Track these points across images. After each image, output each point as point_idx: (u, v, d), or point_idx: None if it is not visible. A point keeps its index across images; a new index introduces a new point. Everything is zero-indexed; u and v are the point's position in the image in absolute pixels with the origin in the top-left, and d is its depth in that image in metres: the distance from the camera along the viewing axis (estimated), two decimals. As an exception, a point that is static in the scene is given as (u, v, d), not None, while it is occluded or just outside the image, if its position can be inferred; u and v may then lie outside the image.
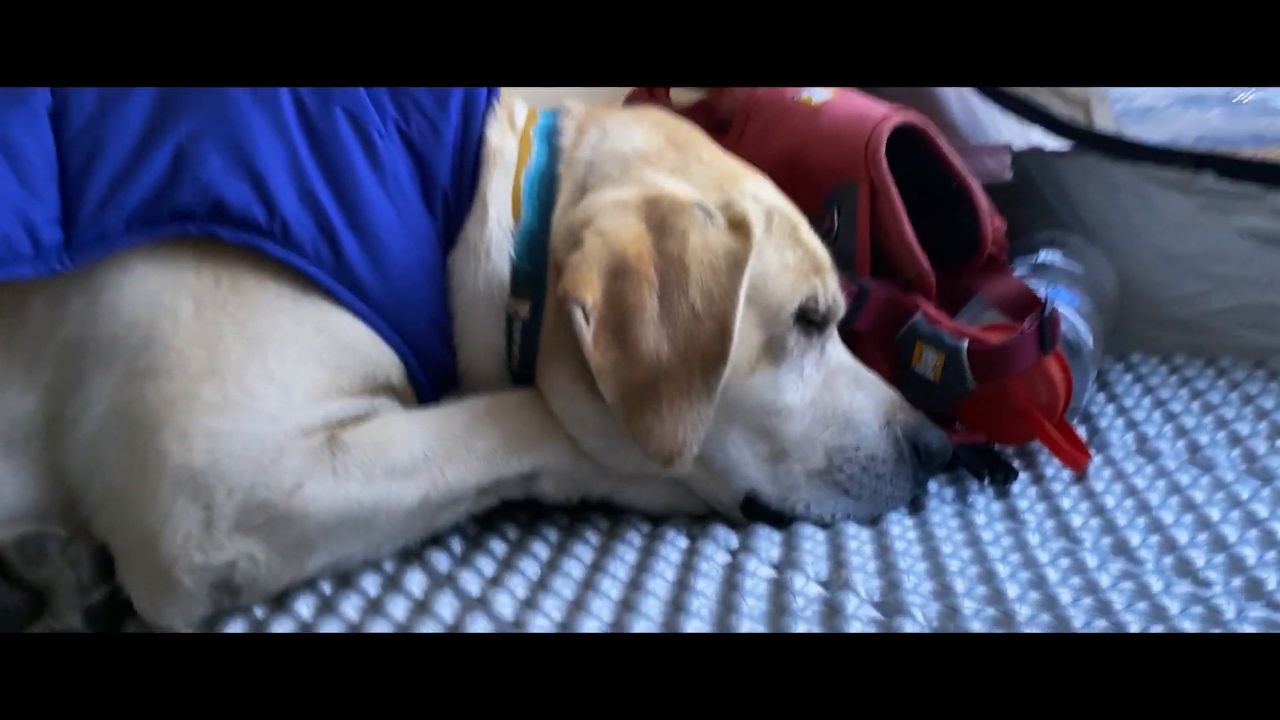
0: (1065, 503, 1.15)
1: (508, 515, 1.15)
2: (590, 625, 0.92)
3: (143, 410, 0.93)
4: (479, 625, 0.92)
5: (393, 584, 1.01)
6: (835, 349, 1.17)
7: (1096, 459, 1.25)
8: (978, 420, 1.27)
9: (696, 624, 0.91)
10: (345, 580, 1.01)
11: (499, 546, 1.10)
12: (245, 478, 0.92)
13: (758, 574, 1.00)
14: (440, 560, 1.06)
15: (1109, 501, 1.14)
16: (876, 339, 1.30)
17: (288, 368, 0.97)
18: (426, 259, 1.07)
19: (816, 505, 1.12)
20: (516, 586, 1.00)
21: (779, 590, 0.96)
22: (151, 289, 0.96)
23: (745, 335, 1.08)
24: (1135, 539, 1.05)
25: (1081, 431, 1.34)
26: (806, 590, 0.96)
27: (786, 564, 1.02)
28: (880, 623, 0.90)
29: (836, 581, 0.98)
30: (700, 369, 1.03)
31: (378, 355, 1.04)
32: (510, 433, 1.07)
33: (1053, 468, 1.23)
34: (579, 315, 1.00)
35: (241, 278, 0.99)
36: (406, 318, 1.06)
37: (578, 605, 0.96)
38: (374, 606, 0.97)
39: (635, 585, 0.99)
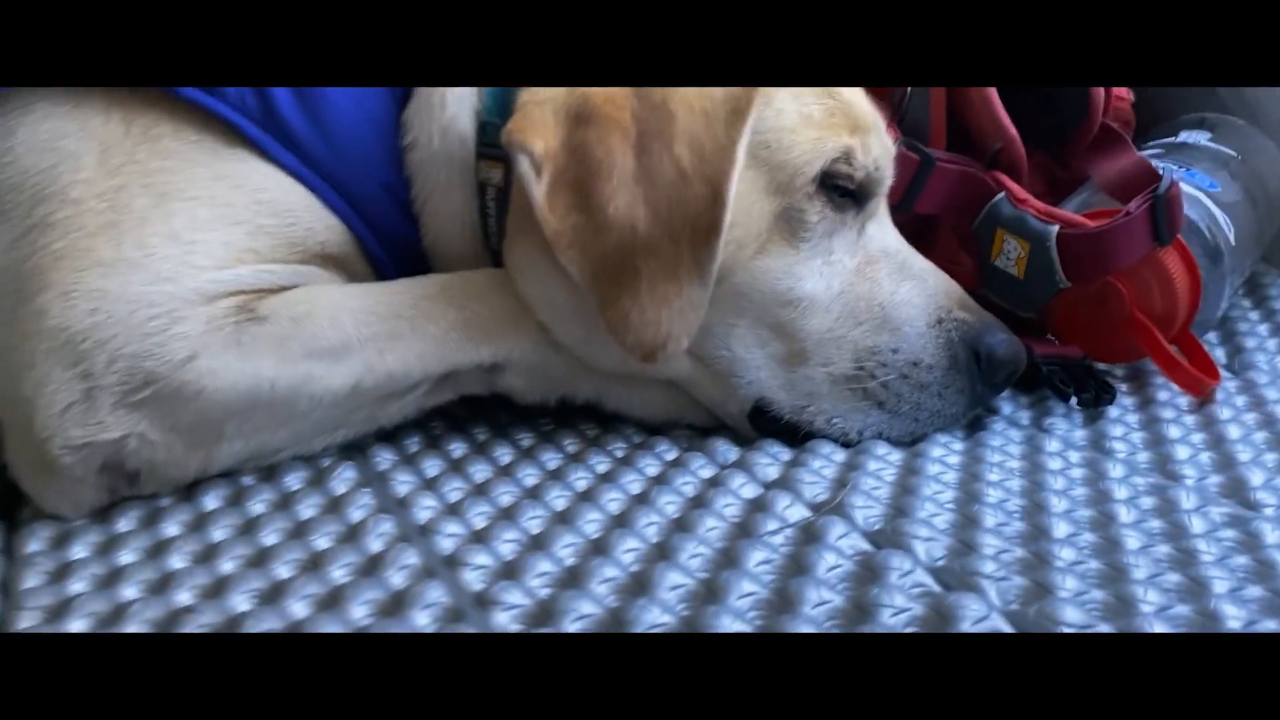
0: (1173, 432, 0.89)
1: (484, 415, 1.00)
2: (510, 536, 0.75)
3: (31, 267, 0.82)
4: (383, 528, 0.77)
5: (317, 480, 0.87)
6: (881, 231, 0.95)
7: (1228, 383, 0.98)
8: (1075, 330, 1.02)
9: (633, 543, 0.73)
10: (270, 473, 0.88)
11: (458, 448, 0.94)
12: (130, 345, 0.80)
13: (739, 492, 0.80)
14: (383, 458, 0.91)
15: (1232, 432, 0.88)
16: (957, 230, 1.06)
17: (196, 225, 0.84)
18: (377, 111, 0.91)
19: (840, 419, 0.90)
20: (451, 491, 0.84)
21: (753, 510, 0.76)
22: (53, 133, 0.85)
23: (751, 203, 0.88)
24: (1257, 478, 0.80)
25: (1218, 354, 1.06)
26: (787, 513, 0.76)
27: (778, 483, 0.82)
28: (863, 556, 0.69)
29: (828, 505, 0.77)
30: (689, 243, 0.84)
31: (310, 219, 0.89)
32: (469, 315, 0.91)
33: (1168, 392, 0.97)
34: (525, 165, 0.82)
35: (156, 124, 0.86)
36: (352, 179, 0.91)
37: (506, 514, 0.79)
38: (284, 503, 0.83)
39: (586, 497, 0.82)
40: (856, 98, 0.92)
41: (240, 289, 0.84)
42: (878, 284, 0.92)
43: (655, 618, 0.62)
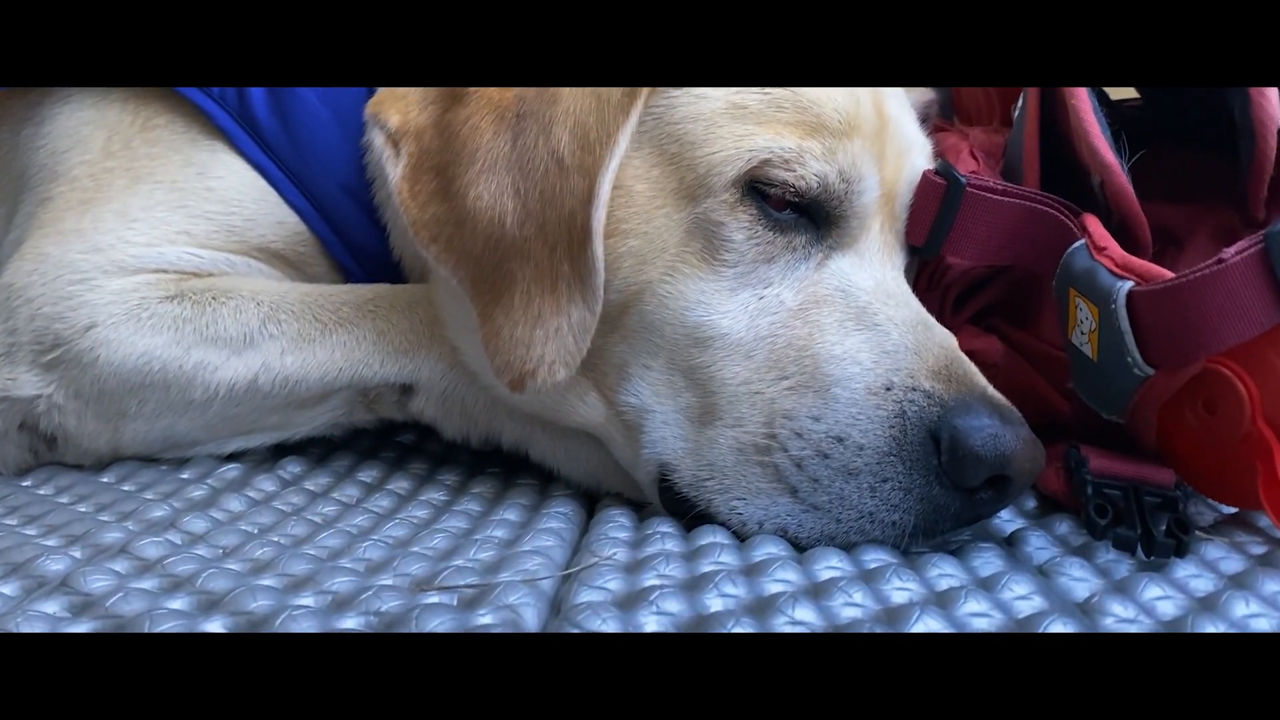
0: (1235, 606, 0.54)
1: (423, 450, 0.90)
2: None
3: (25, 234, 0.89)
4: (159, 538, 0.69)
5: (200, 478, 0.82)
6: (855, 268, 0.72)
7: None
8: (1178, 447, 0.67)
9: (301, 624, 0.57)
10: (182, 462, 0.85)
11: (368, 474, 0.84)
12: (47, 306, 0.82)
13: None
14: (287, 470, 0.83)
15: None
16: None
17: (149, 206, 0.86)
18: (345, 108, 0.87)
19: (742, 502, 0.67)
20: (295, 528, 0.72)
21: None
22: (79, 120, 0.92)
23: (655, 209, 0.71)
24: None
25: None
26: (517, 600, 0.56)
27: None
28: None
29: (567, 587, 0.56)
30: (566, 249, 0.69)
31: (255, 210, 0.87)
32: (385, 327, 0.82)
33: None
34: (379, 140, 0.74)
35: (157, 116, 0.90)
36: (313, 178, 0.88)
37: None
38: (138, 489, 0.79)
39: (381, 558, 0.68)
40: (832, 92, 0.71)
41: (162, 267, 0.84)
42: (819, 330, 0.68)
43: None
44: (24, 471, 0.86)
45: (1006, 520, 0.71)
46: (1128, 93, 0.92)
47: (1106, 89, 0.92)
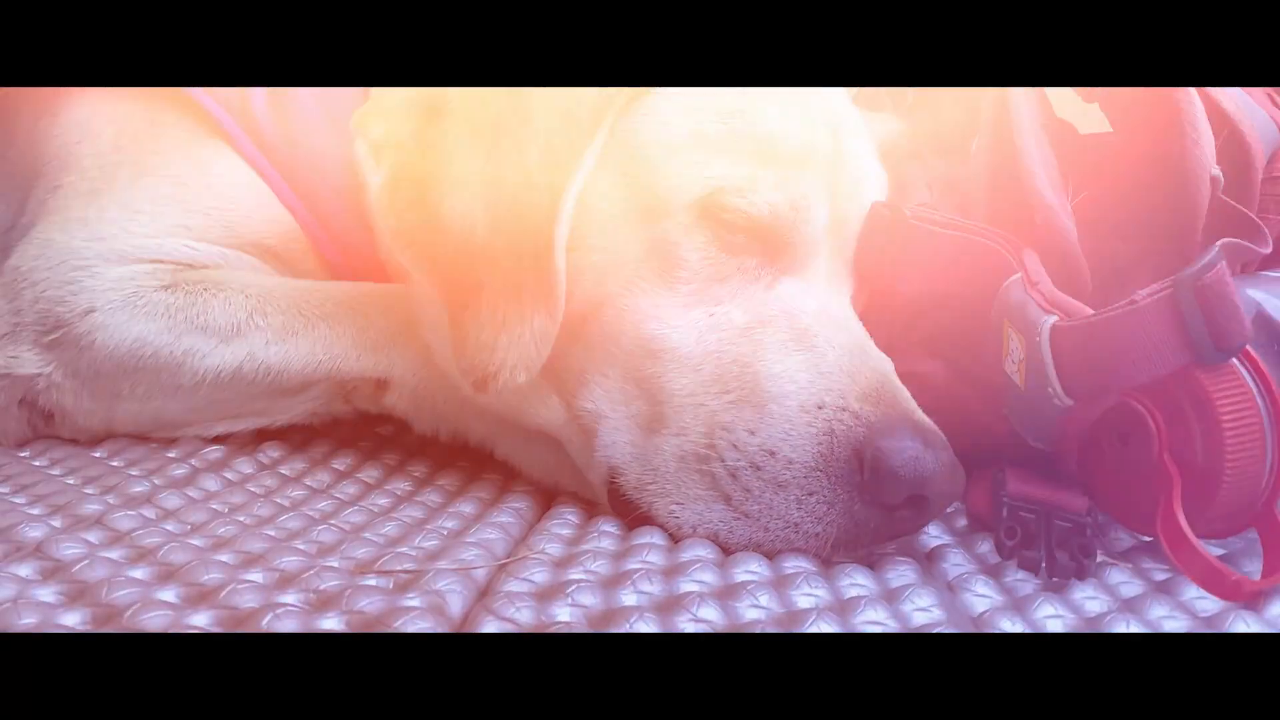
0: (1117, 627, 0.58)
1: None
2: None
3: (35, 219, 0.94)
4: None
5: (184, 458, 0.87)
6: (801, 291, 0.76)
7: (1302, 595, 0.61)
8: (1096, 478, 0.71)
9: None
10: (171, 442, 0.90)
11: (342, 462, 0.89)
12: (50, 289, 0.88)
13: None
14: (267, 454, 0.89)
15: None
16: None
17: (152, 199, 0.91)
18: (341, 111, 0.91)
19: (680, 507, 0.71)
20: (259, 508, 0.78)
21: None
22: (91, 114, 0.97)
23: (618, 227, 0.75)
24: None
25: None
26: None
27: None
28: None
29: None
30: (531, 260, 0.74)
31: (251, 207, 0.92)
32: (365, 324, 0.87)
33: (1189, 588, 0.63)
34: (361, 151, 0.78)
35: (165, 113, 0.95)
36: (307, 178, 0.92)
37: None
38: (124, 465, 0.84)
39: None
40: (788, 122, 0.75)
41: (160, 258, 0.89)
42: (762, 349, 0.72)
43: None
44: (22, 444, 0.91)
45: (933, 536, 0.75)
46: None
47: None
